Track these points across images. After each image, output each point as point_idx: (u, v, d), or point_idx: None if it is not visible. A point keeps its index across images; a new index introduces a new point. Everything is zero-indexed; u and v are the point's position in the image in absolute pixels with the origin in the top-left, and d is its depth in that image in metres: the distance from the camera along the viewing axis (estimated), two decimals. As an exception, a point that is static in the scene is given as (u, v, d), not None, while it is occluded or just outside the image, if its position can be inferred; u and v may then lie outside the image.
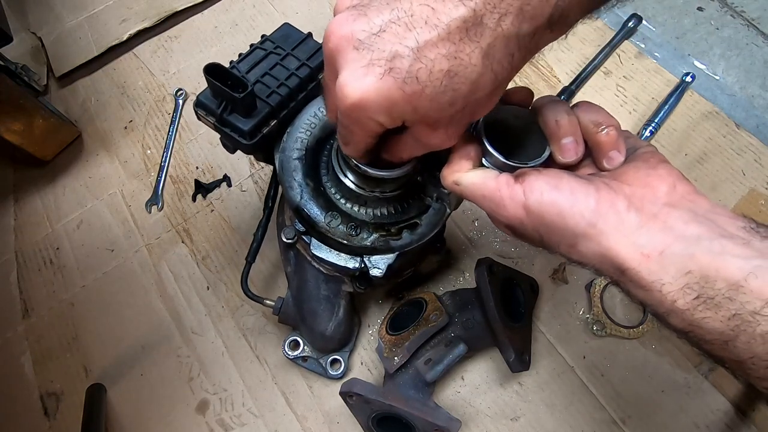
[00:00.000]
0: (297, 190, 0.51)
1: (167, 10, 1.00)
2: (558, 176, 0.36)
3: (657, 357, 0.64)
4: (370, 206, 0.51)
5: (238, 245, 0.77)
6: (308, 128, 0.54)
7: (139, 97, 0.93)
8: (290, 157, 0.52)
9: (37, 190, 0.87)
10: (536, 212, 0.35)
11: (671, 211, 0.34)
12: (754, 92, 0.84)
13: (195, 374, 0.70)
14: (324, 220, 0.50)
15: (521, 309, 0.64)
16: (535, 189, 0.36)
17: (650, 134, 0.78)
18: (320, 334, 0.63)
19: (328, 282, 0.60)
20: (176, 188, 0.84)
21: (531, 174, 0.37)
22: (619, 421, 0.61)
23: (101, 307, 0.76)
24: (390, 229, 0.51)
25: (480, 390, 0.65)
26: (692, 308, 0.31)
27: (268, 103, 0.52)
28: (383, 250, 0.51)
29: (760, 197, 0.73)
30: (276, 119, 0.53)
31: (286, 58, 0.55)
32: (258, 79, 0.53)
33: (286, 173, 0.52)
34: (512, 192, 0.37)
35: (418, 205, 0.52)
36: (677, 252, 0.32)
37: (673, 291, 0.31)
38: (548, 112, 0.39)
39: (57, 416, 0.69)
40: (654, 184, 0.36)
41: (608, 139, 0.38)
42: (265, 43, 0.56)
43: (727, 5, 0.92)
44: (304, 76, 0.54)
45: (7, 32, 0.77)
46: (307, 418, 0.66)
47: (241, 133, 0.51)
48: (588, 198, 0.34)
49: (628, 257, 0.33)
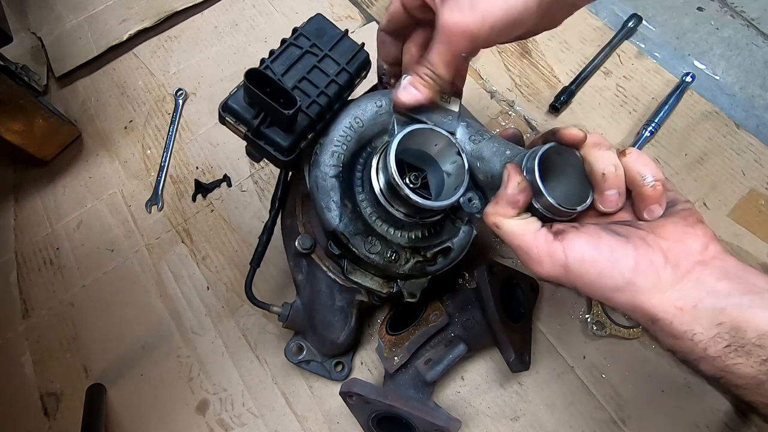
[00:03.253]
0: (335, 213, 0.47)
1: (167, 10, 1.00)
2: (597, 235, 0.37)
3: (657, 357, 0.64)
4: (407, 229, 0.50)
5: (238, 245, 0.77)
6: (344, 141, 0.49)
7: (139, 97, 0.93)
8: (327, 175, 0.47)
9: (37, 190, 0.87)
10: (575, 272, 0.37)
11: (704, 268, 0.36)
12: (754, 92, 0.84)
13: (195, 374, 0.70)
14: (364, 247, 0.48)
15: (521, 309, 0.64)
16: (575, 248, 0.37)
17: (650, 134, 0.78)
18: (331, 342, 0.62)
19: (342, 292, 0.59)
20: (176, 188, 0.84)
21: (570, 232, 0.38)
22: (619, 421, 0.61)
23: (101, 307, 0.76)
24: (426, 255, 0.50)
25: (480, 390, 0.65)
26: (723, 355, 0.33)
27: (308, 114, 0.46)
28: (418, 275, 0.51)
29: (760, 197, 0.73)
30: (314, 132, 0.47)
31: (324, 60, 0.49)
32: (296, 84, 0.47)
33: (322, 193, 0.47)
34: (551, 250, 0.38)
35: (449, 228, 0.51)
36: (709, 306, 0.34)
37: (705, 340, 0.33)
38: (597, 161, 0.40)
39: (57, 416, 0.69)
40: (689, 241, 0.37)
41: (654, 193, 0.39)
42: (299, 38, 0.49)
43: (727, 5, 0.92)
44: (343, 82, 0.48)
45: (7, 32, 0.77)
46: (307, 418, 0.66)
47: (280, 149, 0.46)
48: (627, 257, 0.36)
49: (661, 310, 0.35)
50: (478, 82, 0.87)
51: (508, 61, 0.88)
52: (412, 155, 0.49)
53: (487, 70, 0.88)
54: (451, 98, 0.48)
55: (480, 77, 0.87)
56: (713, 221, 0.71)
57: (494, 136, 0.48)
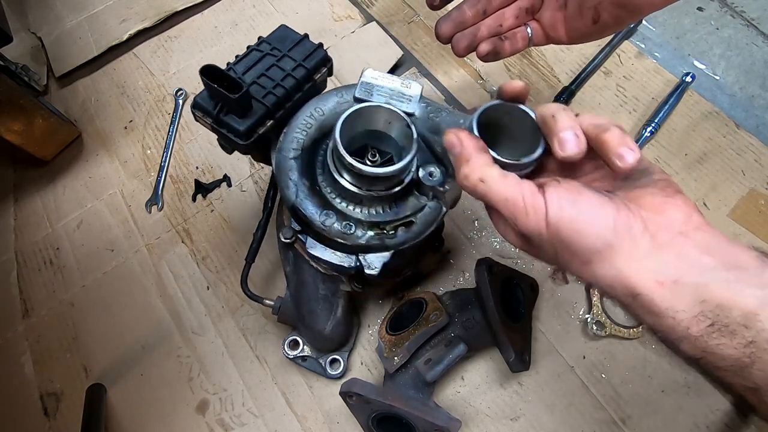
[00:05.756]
0: (292, 189, 0.51)
1: (167, 10, 1.00)
2: (577, 190, 0.35)
3: (657, 357, 0.64)
4: (366, 205, 0.51)
5: (238, 245, 0.77)
6: (304, 128, 0.54)
7: (139, 97, 0.93)
8: (286, 157, 0.53)
9: (37, 190, 0.87)
10: (554, 226, 0.35)
11: (686, 240, 0.34)
12: (754, 92, 0.84)
13: (195, 374, 0.70)
14: (319, 218, 0.50)
15: (521, 309, 0.64)
16: (554, 200, 0.35)
17: (650, 134, 0.78)
18: (319, 333, 0.63)
19: (326, 281, 0.60)
20: (176, 188, 0.84)
21: (551, 184, 0.36)
22: (619, 421, 0.61)
23: (101, 307, 0.76)
24: (385, 228, 0.51)
25: (480, 390, 0.65)
26: (706, 335, 0.31)
27: (264, 103, 0.52)
28: (378, 248, 0.51)
29: (760, 197, 0.73)
30: (272, 119, 0.53)
31: (283, 59, 0.55)
32: (254, 80, 0.53)
33: (281, 173, 0.52)
34: (534, 200, 0.35)
35: (414, 203, 0.52)
36: (691, 281, 0.32)
37: (687, 318, 0.31)
38: (547, 108, 0.38)
39: (57, 416, 0.69)
40: (669, 212, 0.35)
41: (615, 136, 0.35)
42: (261, 44, 0.56)
43: (727, 5, 0.92)
44: (300, 76, 0.54)
45: (7, 32, 0.77)
46: (307, 418, 0.66)
47: (237, 134, 0.52)
48: (607, 217, 0.34)
49: (641, 283, 0.33)
50: (478, 82, 0.87)
51: (508, 61, 0.88)
52: (372, 137, 0.52)
53: (487, 69, 0.88)
54: (411, 83, 0.50)
55: (480, 77, 0.87)
56: (713, 221, 0.71)
57: (455, 111, 0.50)
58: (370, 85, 0.50)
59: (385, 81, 0.50)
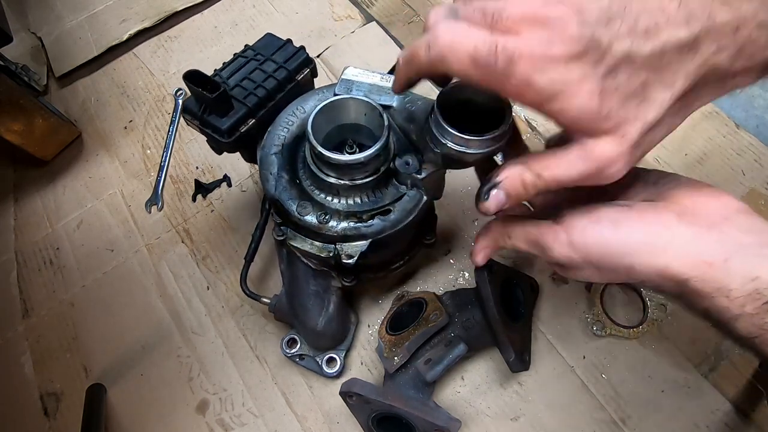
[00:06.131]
0: (272, 183, 0.53)
1: (167, 10, 1.00)
2: (595, 209, 0.36)
3: (657, 357, 0.64)
4: (343, 196, 0.52)
5: (238, 245, 0.77)
6: (287, 126, 0.56)
7: (139, 97, 0.93)
8: (268, 153, 0.55)
9: (37, 190, 0.87)
10: (582, 250, 0.36)
11: (726, 222, 0.34)
12: (754, 92, 0.84)
13: (195, 374, 0.70)
14: (296, 210, 0.52)
15: (521, 309, 0.64)
16: (575, 227, 0.36)
17: (650, 134, 0.78)
18: (311, 329, 0.64)
19: (317, 277, 0.61)
20: (176, 188, 0.84)
21: (567, 213, 0.37)
22: (619, 421, 0.61)
23: (101, 307, 0.76)
24: (361, 217, 0.51)
25: (480, 390, 0.65)
26: (762, 312, 0.31)
27: (245, 104, 0.56)
28: (355, 237, 0.51)
29: (760, 197, 0.73)
30: (254, 118, 0.57)
31: (265, 63, 0.59)
32: (237, 83, 0.57)
33: (263, 167, 0.54)
34: (555, 234, 0.37)
35: (393, 193, 0.52)
36: (740, 260, 0.32)
37: (741, 297, 0.32)
38: None
39: (57, 416, 0.69)
40: (704, 201, 0.36)
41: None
42: (246, 51, 0.60)
43: (727, 5, 0.92)
44: (281, 77, 0.58)
45: (7, 32, 0.77)
46: (307, 418, 0.66)
47: (220, 132, 0.55)
48: (631, 222, 0.35)
49: (687, 268, 0.33)
50: (478, 82, 0.87)
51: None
52: (351, 131, 0.53)
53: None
54: (391, 77, 0.50)
55: (480, 77, 0.87)
56: (713, 221, 0.71)
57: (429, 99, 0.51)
58: (350, 82, 0.51)
59: (365, 77, 0.52)
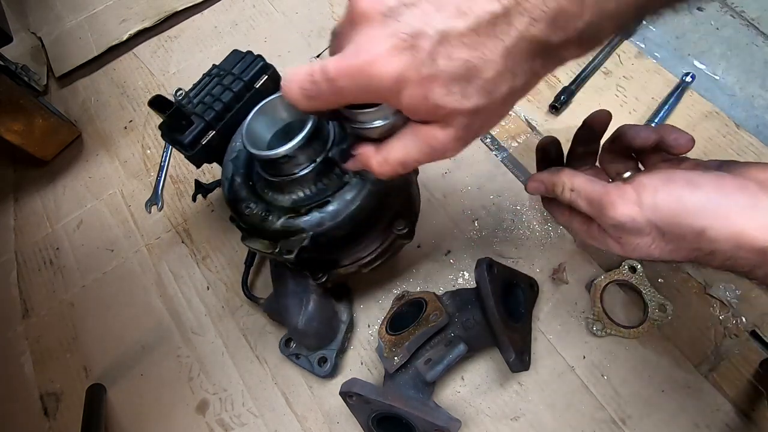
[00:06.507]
0: (226, 186, 0.55)
1: (167, 10, 1.00)
2: (669, 172, 0.36)
3: (657, 357, 0.64)
4: (288, 191, 0.52)
5: (238, 245, 0.77)
6: None
7: (139, 97, 0.93)
8: (227, 160, 0.57)
9: (37, 190, 0.87)
10: (651, 209, 0.35)
11: None
12: (754, 92, 0.84)
13: (195, 374, 0.70)
14: (244, 209, 0.53)
15: (521, 309, 0.64)
16: (647, 186, 0.35)
17: (650, 134, 0.78)
18: (294, 328, 0.64)
19: (295, 277, 0.63)
20: (176, 188, 0.84)
21: (638, 176, 0.37)
22: (619, 421, 0.61)
23: (101, 307, 0.76)
24: (299, 211, 0.51)
25: (480, 390, 0.65)
26: None
27: (203, 117, 0.60)
28: (295, 231, 0.51)
29: (760, 197, 0.73)
30: (214, 130, 0.60)
31: (225, 78, 0.62)
32: (201, 100, 0.61)
33: (222, 174, 0.57)
34: (622, 191, 0.36)
35: (337, 183, 0.51)
36: None
37: None
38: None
39: (57, 416, 0.69)
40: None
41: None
42: (212, 70, 0.64)
43: (727, 5, 0.92)
44: (237, 89, 0.61)
45: (7, 32, 0.77)
46: (307, 418, 0.66)
47: (183, 146, 0.59)
48: (709, 185, 0.34)
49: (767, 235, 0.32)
50: (478, 82, 0.87)
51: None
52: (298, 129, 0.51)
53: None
54: None
55: (480, 77, 0.87)
56: (713, 221, 0.72)
57: None
58: None
59: None
